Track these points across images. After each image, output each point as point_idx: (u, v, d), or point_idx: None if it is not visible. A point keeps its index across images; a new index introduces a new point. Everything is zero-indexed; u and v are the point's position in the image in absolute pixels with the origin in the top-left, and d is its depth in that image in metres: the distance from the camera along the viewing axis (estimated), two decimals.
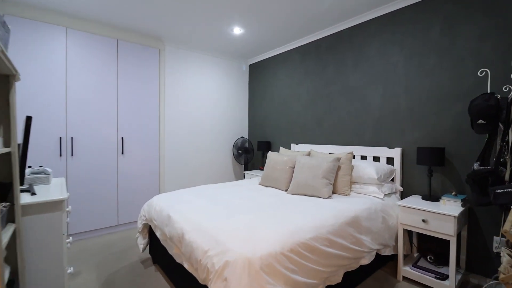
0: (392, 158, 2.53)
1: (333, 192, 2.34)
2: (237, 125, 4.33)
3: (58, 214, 1.41)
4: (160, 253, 2.09)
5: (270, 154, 2.89)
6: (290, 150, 3.34)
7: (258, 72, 4.20)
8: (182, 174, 3.69)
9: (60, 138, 2.73)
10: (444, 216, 1.83)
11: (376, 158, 2.66)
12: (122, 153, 3.12)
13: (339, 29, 2.96)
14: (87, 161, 2.90)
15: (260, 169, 4.01)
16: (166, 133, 3.51)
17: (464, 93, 2.10)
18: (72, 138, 2.80)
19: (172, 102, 3.55)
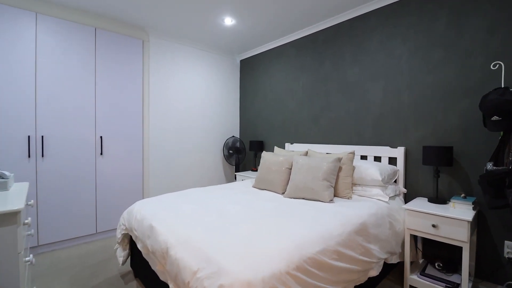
0: (394, 158, 2.38)
1: (334, 195, 2.16)
2: (227, 123, 4.09)
3: (11, 228, 1.15)
4: (142, 266, 1.84)
5: (265, 154, 2.68)
6: (285, 150, 3.15)
7: (250, 68, 3.98)
8: (168, 177, 3.42)
9: (28, 137, 2.42)
10: (456, 220, 1.69)
11: (377, 158, 2.51)
12: (101, 153, 2.83)
13: (338, 21, 2.80)
14: (61, 162, 2.59)
15: (252, 170, 3.80)
16: (151, 132, 3.23)
17: (472, 88, 1.97)
18: (42, 137, 2.49)
19: (157, 98, 3.27)
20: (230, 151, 3.88)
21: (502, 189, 1.60)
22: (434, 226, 1.77)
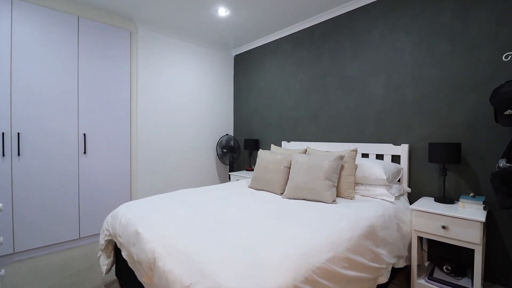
0: (397, 156, 2.27)
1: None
2: (221, 121, 3.92)
3: None
4: (129, 274, 1.66)
5: (261, 152, 2.53)
6: (283, 148, 3.02)
7: (245, 63, 3.83)
8: (158, 177, 3.22)
9: (2, 134, 2.20)
10: (468, 221, 1.58)
11: (378, 156, 2.40)
12: (85, 152, 2.62)
13: (336, 14, 2.67)
14: (39, 162, 2.38)
15: (247, 169, 3.64)
16: (139, 129, 3.03)
17: (480, 82, 1.88)
18: (18, 134, 2.27)
19: (146, 93, 3.08)
20: (224, 150, 3.72)
21: None
22: (444, 227, 1.66)
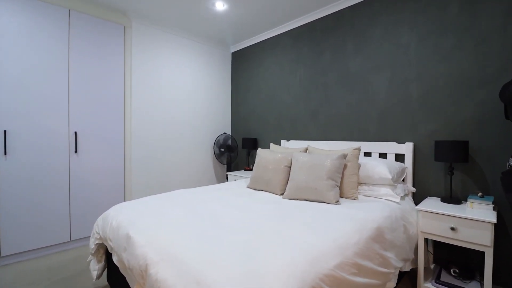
0: (401, 155, 2.20)
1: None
2: (218, 119, 3.83)
3: None
4: (121, 280, 1.56)
5: (260, 151, 2.44)
6: (282, 147, 2.93)
7: (243, 60, 3.73)
8: (152, 177, 3.11)
9: None
10: (478, 222, 1.51)
11: (382, 155, 2.32)
12: (76, 151, 2.50)
13: (338, 8, 2.60)
14: (28, 161, 2.26)
15: (245, 169, 3.55)
16: (133, 127, 2.92)
17: (488, 78, 1.81)
18: (5, 131, 2.15)
19: (140, 90, 2.97)
20: (221, 149, 3.62)
21: None
22: (453, 229, 1.58)
